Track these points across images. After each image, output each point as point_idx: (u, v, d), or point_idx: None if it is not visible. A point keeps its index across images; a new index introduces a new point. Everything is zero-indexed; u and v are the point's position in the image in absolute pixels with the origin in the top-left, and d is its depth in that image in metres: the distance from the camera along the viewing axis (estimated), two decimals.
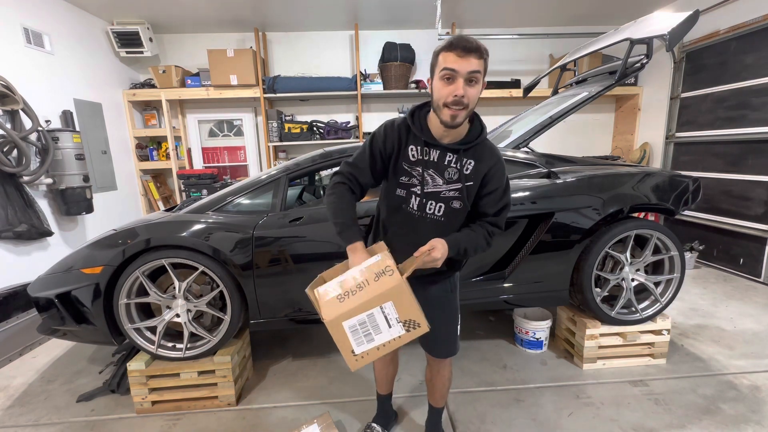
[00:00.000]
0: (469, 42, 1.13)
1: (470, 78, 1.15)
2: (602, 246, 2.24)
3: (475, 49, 1.13)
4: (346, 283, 1.17)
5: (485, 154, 1.31)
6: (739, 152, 3.97)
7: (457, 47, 1.13)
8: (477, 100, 1.21)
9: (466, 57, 1.13)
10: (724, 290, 3.60)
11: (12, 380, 2.51)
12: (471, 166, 1.30)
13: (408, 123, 1.31)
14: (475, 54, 1.14)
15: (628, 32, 2.51)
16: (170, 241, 2.03)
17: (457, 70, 1.14)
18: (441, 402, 1.75)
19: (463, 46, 1.13)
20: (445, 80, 1.16)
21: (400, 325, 1.15)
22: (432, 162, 1.29)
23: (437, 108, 1.22)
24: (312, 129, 5.04)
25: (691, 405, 2.03)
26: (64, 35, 3.92)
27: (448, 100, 1.17)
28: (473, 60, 1.14)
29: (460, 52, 1.13)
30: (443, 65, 1.16)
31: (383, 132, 1.34)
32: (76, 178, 3.55)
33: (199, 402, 2.15)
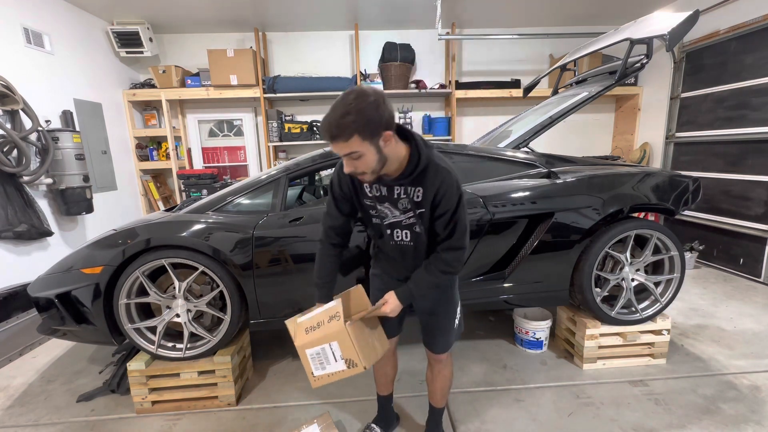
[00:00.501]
0: (329, 129, 1.11)
1: (351, 157, 1.16)
2: (602, 246, 2.24)
3: (337, 135, 1.11)
4: (312, 320, 1.44)
5: (430, 179, 1.27)
6: (739, 152, 3.97)
7: (324, 133, 1.14)
8: (377, 161, 1.18)
9: (333, 143, 1.14)
10: (724, 290, 3.60)
11: (12, 380, 2.51)
12: (420, 193, 1.30)
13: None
14: (339, 139, 1.11)
15: (628, 32, 2.51)
16: (170, 241, 2.03)
17: (337, 152, 1.17)
18: (442, 402, 1.76)
19: (325, 133, 1.13)
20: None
21: (342, 362, 1.37)
22: (384, 196, 1.35)
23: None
24: (312, 129, 5.04)
25: (691, 405, 2.03)
26: (64, 35, 3.92)
27: (348, 171, 1.22)
28: (340, 144, 1.13)
29: (328, 139, 1.14)
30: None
31: (337, 177, 1.41)
32: (76, 178, 3.55)
33: (199, 402, 2.15)
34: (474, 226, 2.18)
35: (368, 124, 1.10)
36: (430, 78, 5.31)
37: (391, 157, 1.22)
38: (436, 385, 1.70)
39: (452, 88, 4.97)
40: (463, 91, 5.00)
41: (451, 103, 5.05)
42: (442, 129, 5.15)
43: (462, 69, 5.39)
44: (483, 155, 2.45)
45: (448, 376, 1.69)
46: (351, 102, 1.09)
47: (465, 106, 5.46)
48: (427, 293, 1.40)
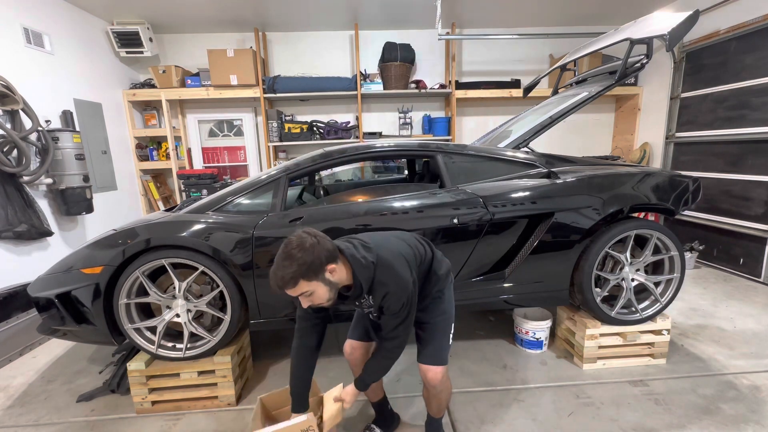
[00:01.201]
0: (276, 282, 1.23)
1: (304, 296, 1.29)
2: (602, 246, 2.24)
3: (283, 285, 1.23)
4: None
5: (376, 292, 1.39)
6: (739, 152, 3.97)
7: (273, 288, 1.25)
8: (328, 291, 1.31)
9: (283, 290, 1.25)
10: (724, 290, 3.60)
11: (12, 380, 2.51)
12: (371, 299, 1.43)
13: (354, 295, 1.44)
14: (288, 287, 1.24)
15: (628, 32, 2.51)
16: (170, 241, 2.03)
17: (291, 295, 1.28)
18: (440, 413, 1.74)
19: (275, 285, 1.24)
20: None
21: None
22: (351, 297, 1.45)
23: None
24: (312, 129, 5.04)
25: (691, 405, 2.03)
26: (64, 35, 3.92)
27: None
28: (290, 290, 1.25)
29: (277, 290, 1.25)
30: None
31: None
32: (76, 178, 3.55)
33: (199, 402, 2.15)
34: (474, 227, 2.18)
35: (310, 267, 1.23)
36: (430, 78, 5.31)
37: (342, 280, 1.35)
38: (432, 404, 1.69)
39: (452, 88, 4.97)
40: (463, 91, 5.00)
41: (451, 103, 5.05)
42: (442, 129, 5.15)
43: (462, 69, 5.39)
44: (483, 155, 2.45)
45: (445, 396, 1.67)
46: (291, 253, 1.23)
47: (465, 106, 5.46)
48: (376, 376, 1.56)
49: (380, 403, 1.88)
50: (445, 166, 2.37)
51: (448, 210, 2.18)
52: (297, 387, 1.60)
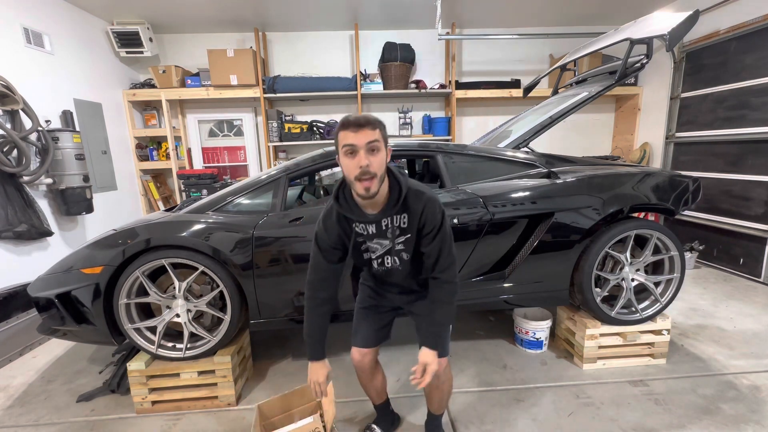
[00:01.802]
0: (358, 118, 1.24)
1: (371, 147, 1.24)
2: (602, 246, 2.24)
3: (366, 123, 1.23)
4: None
5: (412, 205, 1.37)
6: (739, 152, 3.97)
7: (351, 125, 1.23)
8: (384, 167, 1.30)
9: (360, 131, 1.22)
10: (724, 290, 3.60)
11: (12, 380, 2.51)
12: (405, 219, 1.39)
13: (337, 210, 1.40)
14: (368, 127, 1.23)
15: (628, 32, 2.51)
16: (170, 241, 2.03)
17: (356, 144, 1.23)
18: (440, 410, 1.75)
19: (355, 122, 1.23)
20: (349, 155, 1.25)
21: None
22: (373, 234, 1.42)
23: (351, 183, 1.30)
24: (312, 129, 5.04)
25: (691, 405, 2.03)
26: (64, 35, 3.92)
27: (357, 173, 1.24)
28: (368, 131, 1.23)
29: (354, 128, 1.22)
30: (343, 142, 1.24)
31: (324, 230, 1.46)
32: (76, 178, 3.55)
33: (199, 402, 2.15)
34: (474, 227, 2.18)
35: (385, 131, 1.28)
36: (430, 78, 5.31)
37: (384, 190, 1.33)
38: (433, 397, 1.68)
39: (452, 88, 4.97)
40: (463, 91, 5.00)
41: (451, 103, 5.05)
42: (442, 129, 5.15)
43: (462, 69, 5.39)
44: (483, 155, 2.45)
45: (447, 389, 1.66)
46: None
47: (465, 106, 5.46)
48: (449, 327, 1.49)
49: (383, 405, 1.87)
50: (445, 166, 2.38)
51: (448, 210, 2.17)
52: (313, 336, 1.53)
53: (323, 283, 1.50)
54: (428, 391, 1.69)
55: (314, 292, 1.51)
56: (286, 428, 1.53)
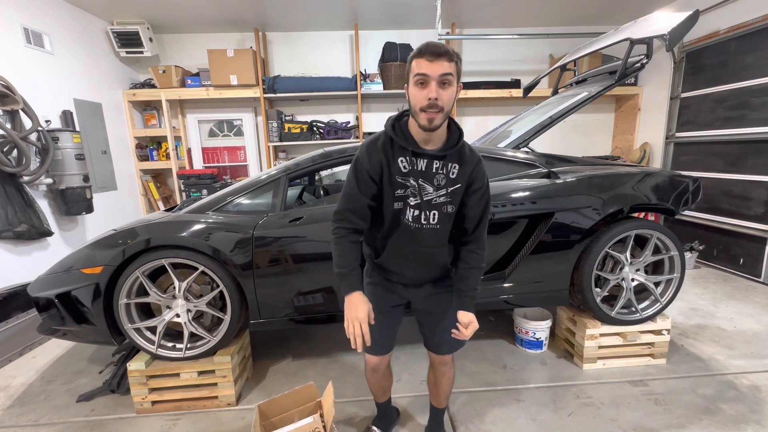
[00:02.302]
0: (437, 47, 1.16)
1: (443, 81, 1.17)
2: (602, 246, 2.24)
3: (444, 53, 1.15)
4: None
5: (467, 156, 1.33)
6: (739, 152, 3.97)
7: (426, 53, 1.15)
8: (452, 103, 1.23)
9: (436, 61, 1.15)
10: (724, 290, 3.60)
11: (12, 380, 2.51)
12: (456, 169, 1.32)
13: (390, 136, 1.30)
14: (445, 57, 1.15)
15: (628, 32, 2.51)
16: (170, 241, 2.03)
17: (429, 74, 1.16)
18: (444, 402, 1.75)
19: (432, 50, 1.15)
20: (419, 85, 1.18)
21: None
22: (421, 171, 1.30)
23: (415, 113, 1.23)
24: (312, 129, 5.04)
25: (691, 405, 2.03)
26: (64, 35, 3.92)
27: (424, 104, 1.18)
28: (444, 63, 1.15)
29: (430, 57, 1.15)
30: (416, 71, 1.17)
31: (366, 154, 1.31)
32: (76, 178, 3.55)
33: (199, 402, 2.15)
34: None
35: (460, 65, 1.21)
36: None
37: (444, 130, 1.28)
38: (439, 387, 1.69)
39: None
40: (463, 91, 5.00)
41: None
42: None
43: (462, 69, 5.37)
44: (483, 155, 2.44)
45: (452, 377, 1.68)
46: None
47: (465, 106, 5.46)
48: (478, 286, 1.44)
49: (385, 403, 1.86)
50: None
51: None
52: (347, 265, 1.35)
53: (354, 214, 1.34)
54: (433, 382, 1.69)
55: (344, 222, 1.36)
56: (286, 428, 1.53)
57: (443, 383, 1.67)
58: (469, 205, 1.36)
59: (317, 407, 1.82)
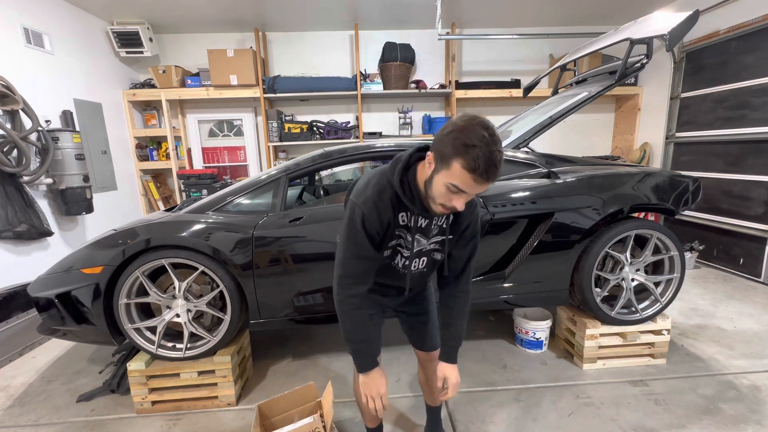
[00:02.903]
0: (495, 172, 1.00)
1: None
2: (602, 246, 2.24)
3: (494, 179, 1.01)
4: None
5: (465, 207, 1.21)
6: (739, 152, 3.97)
7: (483, 175, 0.98)
8: None
9: (484, 184, 1.01)
10: (724, 290, 3.60)
11: (12, 380, 2.51)
12: (451, 220, 1.28)
13: (398, 192, 1.18)
14: (492, 182, 1.02)
15: (628, 32, 2.51)
16: (170, 241, 2.03)
17: (468, 192, 1.04)
18: (439, 400, 1.74)
19: (491, 175, 0.99)
20: (450, 190, 1.05)
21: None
22: (419, 228, 1.26)
23: (431, 199, 1.12)
24: (312, 129, 5.04)
25: (691, 405, 2.03)
26: (64, 35, 3.92)
27: (445, 204, 1.10)
28: (489, 184, 1.03)
29: (483, 181, 1.00)
30: (457, 181, 1.01)
31: (376, 212, 1.18)
32: (76, 178, 3.55)
33: (199, 402, 2.15)
34: None
35: None
36: (430, 78, 5.31)
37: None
38: (432, 385, 1.67)
39: (452, 88, 4.97)
40: (463, 91, 5.00)
41: (451, 103, 5.05)
42: None
43: (462, 69, 5.39)
44: None
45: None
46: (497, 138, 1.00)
47: (465, 106, 5.45)
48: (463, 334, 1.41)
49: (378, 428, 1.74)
50: None
51: None
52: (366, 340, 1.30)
53: (366, 275, 1.25)
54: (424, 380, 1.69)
55: (354, 287, 1.23)
56: (286, 428, 1.53)
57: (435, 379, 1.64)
58: (458, 246, 1.33)
59: (317, 407, 1.82)
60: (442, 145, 1.02)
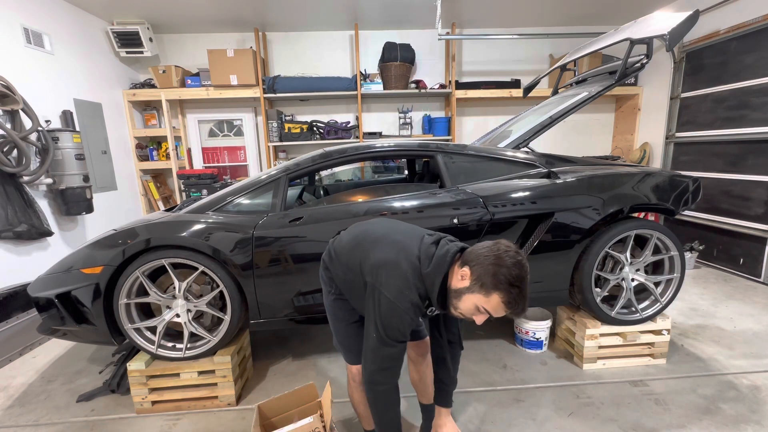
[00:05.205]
0: (526, 308, 1.19)
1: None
2: (602, 246, 2.24)
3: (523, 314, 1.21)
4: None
5: None
6: (739, 152, 3.97)
7: (518, 312, 1.17)
8: None
9: (511, 315, 1.18)
10: (724, 290, 3.60)
11: (12, 380, 2.51)
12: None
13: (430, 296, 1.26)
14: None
15: (628, 32, 2.51)
16: (170, 241, 2.03)
17: (495, 316, 1.19)
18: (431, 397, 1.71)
19: (522, 313, 1.19)
20: (479, 311, 1.19)
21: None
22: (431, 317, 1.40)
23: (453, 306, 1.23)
24: (312, 129, 5.04)
25: (691, 405, 2.03)
26: (64, 35, 3.92)
27: (466, 316, 1.22)
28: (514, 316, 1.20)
29: (512, 315, 1.19)
30: (490, 309, 1.16)
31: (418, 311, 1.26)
32: (76, 178, 3.55)
33: (199, 402, 2.15)
34: (474, 227, 2.18)
35: None
36: (430, 78, 5.31)
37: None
38: (425, 380, 1.67)
39: (452, 88, 4.97)
40: (463, 91, 5.00)
41: (451, 103, 5.05)
42: (442, 129, 5.15)
43: (462, 69, 5.39)
44: (483, 155, 2.45)
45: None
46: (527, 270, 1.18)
47: (465, 106, 5.46)
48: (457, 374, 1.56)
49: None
50: (445, 166, 2.38)
51: (448, 210, 2.18)
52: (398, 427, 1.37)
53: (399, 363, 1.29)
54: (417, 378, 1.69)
55: (393, 378, 1.28)
56: (286, 428, 1.53)
57: (428, 374, 1.66)
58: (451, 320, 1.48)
59: (317, 407, 1.82)
60: (484, 272, 1.14)
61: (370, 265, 1.26)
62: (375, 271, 1.24)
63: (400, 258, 1.25)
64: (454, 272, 1.23)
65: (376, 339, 1.23)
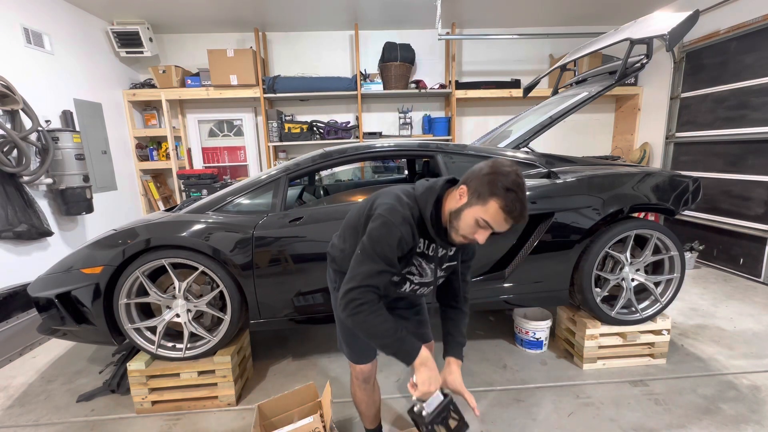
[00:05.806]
0: (525, 214, 1.11)
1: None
2: (602, 246, 2.24)
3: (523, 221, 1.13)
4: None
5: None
6: (739, 152, 3.97)
7: (517, 218, 1.11)
8: None
9: (511, 225, 1.13)
10: (724, 290, 3.60)
11: (12, 380, 2.51)
12: (455, 248, 1.35)
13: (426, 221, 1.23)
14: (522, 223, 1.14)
15: (628, 32, 2.51)
16: (170, 241, 2.03)
17: (497, 230, 1.15)
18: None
19: (520, 217, 1.11)
20: (479, 225, 1.14)
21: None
22: (432, 257, 1.31)
23: (454, 230, 1.19)
24: (312, 129, 5.04)
25: (691, 405, 2.03)
26: (64, 35, 3.92)
27: (468, 237, 1.18)
28: (515, 226, 1.15)
29: (512, 222, 1.12)
30: (489, 219, 1.11)
31: (411, 236, 1.21)
32: (76, 178, 3.55)
33: (199, 402, 2.15)
34: None
35: None
36: (430, 78, 5.31)
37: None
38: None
39: (452, 88, 4.97)
40: (463, 91, 5.00)
41: (451, 103, 5.05)
42: (442, 129, 5.15)
43: (462, 69, 5.39)
44: (483, 155, 2.45)
45: None
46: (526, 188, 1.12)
47: (465, 106, 5.46)
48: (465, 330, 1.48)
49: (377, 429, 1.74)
50: (445, 166, 2.38)
51: None
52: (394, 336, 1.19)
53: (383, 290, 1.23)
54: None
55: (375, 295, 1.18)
56: (286, 428, 1.53)
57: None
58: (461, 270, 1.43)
59: (317, 407, 1.82)
60: (479, 184, 1.12)
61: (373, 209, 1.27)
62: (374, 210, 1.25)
63: (395, 189, 1.31)
64: (450, 196, 1.23)
65: (360, 254, 1.20)
